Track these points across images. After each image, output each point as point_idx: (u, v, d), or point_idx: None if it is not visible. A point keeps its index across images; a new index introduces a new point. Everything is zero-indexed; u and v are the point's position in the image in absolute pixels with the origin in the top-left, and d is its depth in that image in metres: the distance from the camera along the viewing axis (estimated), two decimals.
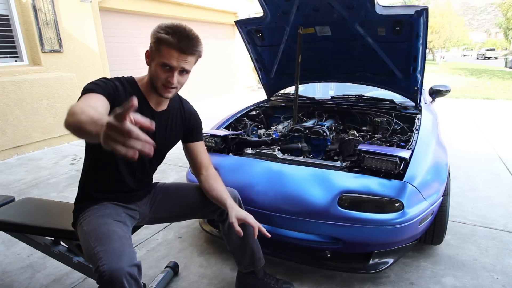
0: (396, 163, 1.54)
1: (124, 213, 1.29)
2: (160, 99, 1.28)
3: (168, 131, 1.37)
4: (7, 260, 1.98)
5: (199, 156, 1.48)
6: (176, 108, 1.39)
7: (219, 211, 1.46)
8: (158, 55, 1.15)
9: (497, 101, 8.06)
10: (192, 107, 1.49)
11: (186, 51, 1.14)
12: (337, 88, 3.45)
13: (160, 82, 1.18)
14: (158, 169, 1.49)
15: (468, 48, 57.72)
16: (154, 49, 1.16)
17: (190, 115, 1.45)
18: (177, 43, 1.12)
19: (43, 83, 4.34)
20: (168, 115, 1.35)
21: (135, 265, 1.02)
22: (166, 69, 1.16)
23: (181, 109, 1.41)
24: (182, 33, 1.13)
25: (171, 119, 1.36)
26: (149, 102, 1.27)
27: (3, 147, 4.00)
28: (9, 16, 4.22)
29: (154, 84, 1.20)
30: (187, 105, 1.45)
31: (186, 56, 1.15)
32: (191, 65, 1.20)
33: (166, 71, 1.16)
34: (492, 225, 2.26)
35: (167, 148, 1.42)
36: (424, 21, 1.90)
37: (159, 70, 1.16)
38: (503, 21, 34.06)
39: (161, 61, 1.14)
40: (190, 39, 1.14)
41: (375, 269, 1.60)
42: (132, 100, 0.64)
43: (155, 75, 1.18)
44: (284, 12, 2.22)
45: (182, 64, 1.15)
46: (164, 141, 1.37)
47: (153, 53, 1.17)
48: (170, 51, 1.13)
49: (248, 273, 1.59)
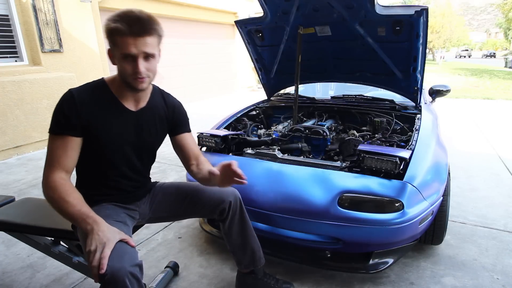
0: (396, 163, 1.54)
1: (123, 213, 1.29)
2: (137, 96, 1.25)
3: (153, 128, 1.33)
4: (7, 260, 1.98)
5: (187, 147, 1.43)
6: (158, 103, 1.35)
7: (219, 210, 1.46)
8: (116, 48, 1.09)
9: (497, 101, 8.06)
10: (175, 99, 1.44)
11: (141, 33, 1.07)
12: (337, 88, 3.45)
13: (128, 75, 1.13)
14: (158, 169, 1.49)
15: (468, 48, 57.66)
16: (111, 44, 1.11)
17: (174, 108, 1.41)
18: (128, 28, 1.05)
19: (43, 83, 4.34)
20: (150, 112, 1.31)
21: (136, 264, 1.02)
22: (129, 60, 1.10)
23: (163, 103, 1.37)
24: (131, 16, 1.07)
25: (154, 115, 1.33)
26: (124, 102, 1.23)
27: (3, 147, 4.00)
28: (9, 16, 4.23)
29: (125, 80, 1.15)
30: (169, 99, 1.41)
31: (143, 38, 1.08)
32: (154, 48, 1.13)
33: (130, 62, 1.10)
34: (492, 225, 2.26)
35: (155, 145, 1.39)
36: (424, 21, 1.90)
37: (123, 63, 1.11)
38: (503, 21, 34.07)
39: (121, 53, 1.09)
40: (141, 19, 1.08)
41: (375, 269, 1.60)
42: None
43: (122, 70, 1.13)
44: (284, 12, 2.22)
45: (142, 48, 1.08)
46: (150, 138, 1.34)
47: (112, 48, 1.12)
48: (124, 40, 1.06)
49: (248, 273, 1.59)
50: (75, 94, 1.15)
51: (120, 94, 1.23)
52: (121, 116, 1.23)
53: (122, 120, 1.24)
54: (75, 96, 1.15)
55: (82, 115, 1.15)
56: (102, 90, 1.21)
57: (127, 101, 1.25)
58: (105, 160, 1.25)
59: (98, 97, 1.19)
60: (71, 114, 1.13)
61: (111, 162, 1.26)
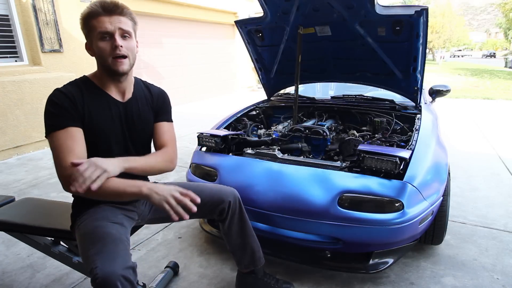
0: (396, 163, 1.54)
1: (121, 215, 1.28)
2: (121, 86, 1.25)
3: (142, 117, 1.34)
4: (7, 260, 1.98)
5: (160, 136, 1.39)
6: (142, 93, 1.36)
7: (218, 210, 1.46)
8: (93, 32, 1.13)
9: (497, 101, 8.06)
10: (159, 88, 1.45)
11: (115, 11, 1.13)
12: (337, 88, 3.45)
13: (107, 55, 1.14)
14: None
15: (468, 48, 57.69)
16: (87, 32, 1.15)
17: (158, 95, 1.41)
18: (101, 8, 1.12)
19: (43, 83, 4.34)
20: (137, 102, 1.32)
21: (129, 267, 1.01)
22: (107, 39, 1.13)
23: (147, 92, 1.38)
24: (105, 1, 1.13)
25: (141, 105, 1.34)
26: (110, 93, 1.25)
27: (3, 147, 4.00)
28: (9, 16, 4.23)
29: (105, 64, 1.16)
30: (153, 88, 1.42)
31: (118, 16, 1.14)
32: (129, 27, 1.18)
33: (107, 41, 1.13)
34: (492, 225, 2.26)
35: (147, 135, 1.38)
36: (424, 21, 1.90)
37: (101, 44, 1.13)
38: (503, 21, 34.07)
39: (97, 33, 1.12)
40: (114, 2, 1.15)
41: (375, 269, 1.60)
42: None
43: (100, 53, 1.15)
44: (284, 12, 2.22)
45: (117, 25, 1.13)
46: (142, 128, 1.34)
47: (89, 37, 1.16)
48: (99, 19, 1.12)
49: (248, 273, 1.59)
50: (63, 90, 1.17)
51: (106, 86, 1.24)
52: (111, 108, 1.24)
53: (113, 111, 1.24)
54: (64, 91, 1.16)
55: (78, 105, 1.15)
56: (88, 84, 1.23)
57: (113, 92, 1.26)
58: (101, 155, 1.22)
59: (86, 91, 1.20)
60: (67, 105, 1.13)
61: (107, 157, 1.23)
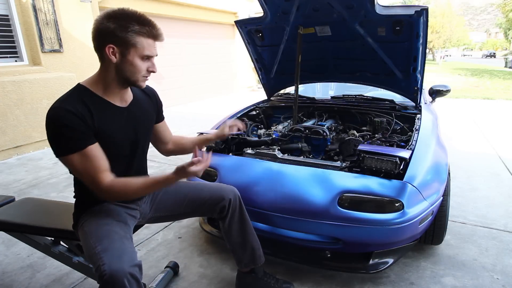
0: (396, 163, 1.54)
1: (125, 213, 1.29)
2: (122, 92, 1.24)
3: (145, 119, 1.35)
4: (7, 260, 1.98)
5: (166, 132, 1.51)
6: (140, 95, 1.36)
7: (219, 208, 1.47)
8: (135, 48, 1.12)
9: (497, 101, 8.06)
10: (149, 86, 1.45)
11: (159, 38, 1.18)
12: (337, 88, 3.45)
13: (141, 74, 1.17)
14: (158, 169, 1.50)
15: (468, 48, 57.74)
16: (126, 42, 1.10)
17: (155, 96, 1.44)
18: (153, 32, 1.14)
19: (43, 83, 4.34)
20: (138, 104, 1.32)
21: (136, 265, 1.02)
22: (146, 60, 1.16)
23: (144, 94, 1.39)
24: (148, 21, 1.14)
25: (142, 107, 1.34)
26: (112, 101, 1.21)
27: (3, 147, 4.00)
28: (9, 16, 4.22)
29: (130, 78, 1.16)
30: (146, 88, 1.41)
31: (159, 42, 1.19)
32: None
33: (145, 61, 1.16)
34: (492, 225, 2.26)
35: (150, 134, 1.42)
36: (424, 21, 1.90)
37: (139, 63, 1.15)
38: (503, 21, 34.08)
39: (143, 54, 1.14)
40: (155, 24, 1.16)
41: (375, 269, 1.60)
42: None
43: (134, 69, 1.15)
44: (284, 12, 2.22)
45: (157, 51, 1.19)
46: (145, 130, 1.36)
47: (125, 47, 1.11)
48: (149, 42, 1.14)
49: (248, 272, 1.59)
50: (71, 109, 1.08)
51: (108, 95, 1.20)
52: (115, 115, 1.22)
53: (117, 118, 1.23)
54: (72, 111, 1.08)
55: (88, 124, 1.11)
56: (87, 95, 1.16)
57: (114, 100, 1.23)
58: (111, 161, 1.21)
59: (88, 103, 1.14)
60: (80, 126, 1.08)
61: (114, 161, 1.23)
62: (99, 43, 1.12)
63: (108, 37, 1.10)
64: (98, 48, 1.14)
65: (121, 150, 1.25)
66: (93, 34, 1.13)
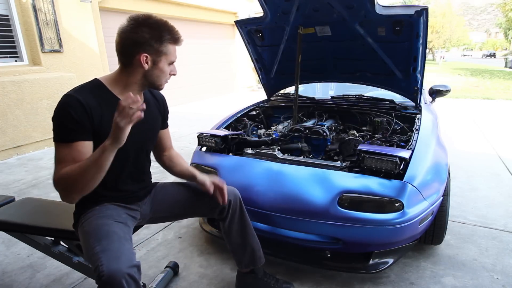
0: (396, 163, 1.54)
1: (125, 214, 1.29)
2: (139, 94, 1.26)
3: (154, 121, 1.37)
4: (7, 260, 1.98)
5: (165, 140, 1.51)
6: (150, 99, 1.38)
7: (219, 209, 1.47)
8: (166, 56, 1.19)
9: (497, 101, 8.06)
10: (160, 93, 1.47)
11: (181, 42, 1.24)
12: (337, 88, 3.45)
13: (165, 77, 1.23)
14: (158, 169, 1.50)
15: (468, 48, 57.75)
16: (160, 51, 1.17)
17: (163, 101, 1.46)
18: (175, 37, 1.19)
19: (43, 83, 4.34)
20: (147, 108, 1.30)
21: (134, 265, 1.02)
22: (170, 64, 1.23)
23: (152, 97, 1.40)
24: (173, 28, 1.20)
25: (150, 110, 1.35)
26: None
27: (3, 147, 4.00)
28: (9, 16, 4.23)
29: (156, 81, 1.22)
30: (156, 93, 1.43)
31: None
32: None
33: (169, 66, 1.23)
34: (492, 225, 2.26)
35: (155, 137, 1.43)
36: (424, 21, 1.90)
37: (166, 68, 1.21)
38: (503, 21, 34.08)
39: (171, 60, 1.21)
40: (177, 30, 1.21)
41: (375, 269, 1.60)
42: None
43: (162, 73, 1.21)
44: (284, 12, 2.22)
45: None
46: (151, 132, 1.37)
47: (158, 55, 1.17)
48: (174, 48, 1.21)
49: (248, 273, 1.59)
50: (80, 98, 1.10)
51: (122, 93, 1.21)
52: None
53: None
54: (81, 100, 1.09)
55: (94, 118, 1.11)
56: (102, 91, 1.18)
57: None
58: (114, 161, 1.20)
59: (101, 98, 1.16)
60: (83, 119, 1.09)
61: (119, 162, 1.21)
62: (132, 50, 1.14)
63: (143, 46, 1.13)
64: (129, 55, 1.15)
65: (125, 150, 1.24)
66: (125, 41, 1.14)
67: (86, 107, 1.10)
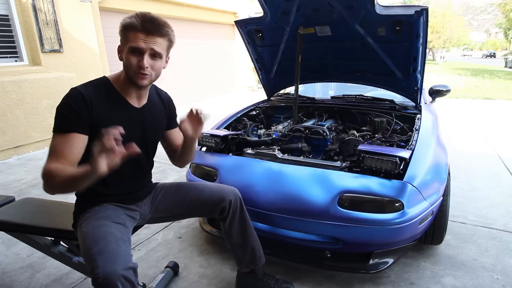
0: (396, 163, 1.54)
1: (124, 215, 1.28)
2: (139, 93, 1.27)
3: (158, 123, 1.37)
4: (7, 260, 1.98)
5: (175, 140, 1.48)
6: (155, 99, 1.38)
7: (219, 209, 1.46)
8: (126, 42, 1.14)
9: (497, 101, 8.06)
10: (167, 93, 1.48)
11: (153, 32, 1.13)
12: (337, 88, 3.45)
13: (132, 69, 1.15)
14: (158, 169, 1.50)
15: (468, 48, 57.75)
16: (122, 39, 1.16)
17: (169, 102, 1.46)
18: (142, 24, 1.11)
19: (43, 83, 4.34)
20: (151, 108, 1.34)
21: (130, 268, 1.02)
22: (136, 54, 1.14)
23: (159, 98, 1.41)
24: (146, 16, 1.13)
25: (155, 111, 1.36)
26: (128, 99, 1.25)
27: (3, 147, 4.00)
28: (9, 16, 4.22)
29: (128, 74, 1.18)
30: (162, 93, 1.45)
31: (154, 37, 1.13)
32: (162, 49, 1.18)
33: (136, 56, 1.14)
34: (492, 225, 2.26)
35: (158, 139, 1.43)
36: (424, 21, 1.90)
37: (129, 57, 1.14)
38: (503, 21, 34.07)
39: (130, 46, 1.12)
40: (155, 20, 1.14)
41: (375, 269, 1.60)
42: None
43: (127, 64, 1.16)
44: (284, 12, 2.22)
45: (151, 45, 1.13)
46: (154, 133, 1.37)
47: (122, 44, 1.16)
48: (136, 34, 1.12)
49: (248, 273, 1.59)
50: (83, 91, 1.14)
51: (125, 92, 1.24)
52: (127, 113, 1.24)
53: (128, 117, 1.24)
54: (83, 94, 1.13)
55: (93, 113, 1.13)
56: (107, 87, 1.21)
57: (131, 98, 1.26)
58: None
59: (105, 94, 1.19)
60: (82, 111, 1.12)
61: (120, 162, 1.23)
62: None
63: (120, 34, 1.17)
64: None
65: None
66: None
67: (87, 100, 1.13)
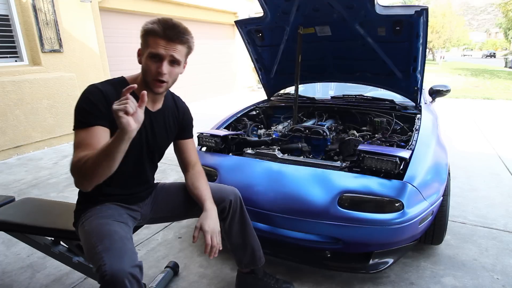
0: (396, 163, 1.54)
1: (126, 214, 1.29)
2: (154, 97, 1.27)
3: (168, 129, 1.38)
4: (7, 260, 1.98)
5: (188, 153, 1.49)
6: (170, 106, 1.39)
7: (219, 209, 1.46)
8: (146, 47, 1.14)
9: (497, 101, 8.06)
10: (184, 103, 1.49)
11: (174, 39, 1.13)
12: (337, 88, 3.45)
13: (151, 75, 1.16)
14: (158, 169, 1.50)
15: (468, 48, 57.77)
16: (142, 43, 1.17)
17: (184, 112, 1.46)
18: (163, 31, 1.12)
19: (43, 83, 4.34)
20: (164, 114, 1.35)
21: (136, 265, 1.02)
22: (155, 60, 1.14)
23: (174, 106, 1.41)
24: (168, 22, 1.14)
25: (167, 117, 1.36)
26: None
27: (3, 147, 4.00)
28: (9, 16, 4.22)
29: (145, 79, 1.18)
30: (179, 102, 1.46)
31: (174, 44, 1.14)
32: (182, 56, 1.18)
33: (155, 62, 1.14)
34: (492, 225, 2.26)
35: (166, 146, 1.43)
36: (424, 21, 1.90)
37: (149, 62, 1.15)
38: (503, 21, 34.08)
39: (150, 52, 1.13)
40: (176, 27, 1.14)
41: (375, 269, 1.60)
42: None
43: (146, 69, 1.16)
44: (284, 12, 2.22)
45: (170, 52, 1.14)
46: (163, 139, 1.37)
47: (143, 48, 1.17)
48: (156, 40, 1.12)
49: (248, 273, 1.59)
50: (100, 87, 1.16)
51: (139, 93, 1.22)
52: None
53: None
54: (101, 89, 1.15)
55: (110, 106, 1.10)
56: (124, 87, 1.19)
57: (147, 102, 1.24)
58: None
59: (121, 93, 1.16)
60: (100, 103, 1.12)
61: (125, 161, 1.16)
62: None
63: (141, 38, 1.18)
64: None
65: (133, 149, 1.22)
66: None
67: (105, 94, 1.14)
